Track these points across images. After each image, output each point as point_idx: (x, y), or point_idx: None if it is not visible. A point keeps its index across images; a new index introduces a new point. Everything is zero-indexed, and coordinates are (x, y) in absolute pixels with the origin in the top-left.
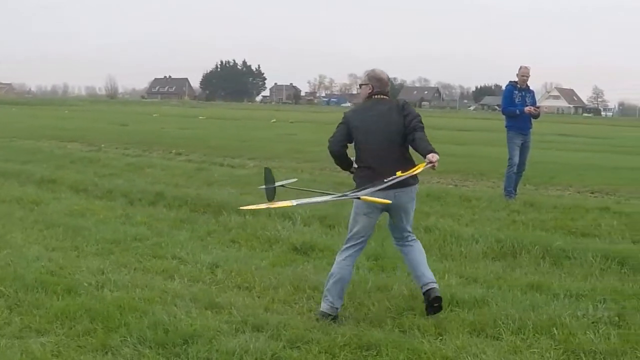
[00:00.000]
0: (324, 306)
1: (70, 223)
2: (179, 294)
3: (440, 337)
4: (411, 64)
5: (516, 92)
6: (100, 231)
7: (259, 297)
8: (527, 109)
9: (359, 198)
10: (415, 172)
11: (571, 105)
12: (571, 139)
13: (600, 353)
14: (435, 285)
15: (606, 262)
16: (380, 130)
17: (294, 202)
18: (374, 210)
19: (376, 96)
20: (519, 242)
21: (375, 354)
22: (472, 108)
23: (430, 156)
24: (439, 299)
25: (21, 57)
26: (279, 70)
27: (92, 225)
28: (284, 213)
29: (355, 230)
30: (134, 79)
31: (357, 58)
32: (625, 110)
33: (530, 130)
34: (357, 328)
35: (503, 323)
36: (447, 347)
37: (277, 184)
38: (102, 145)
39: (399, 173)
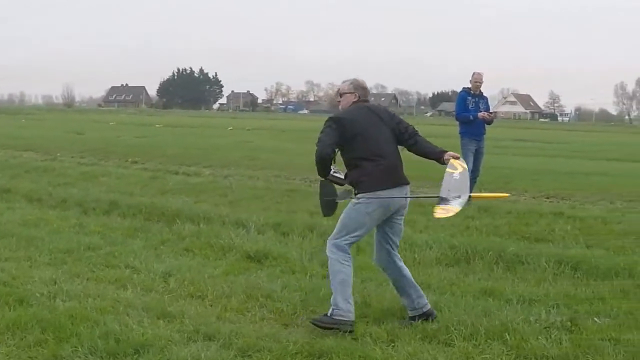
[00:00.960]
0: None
1: (24, 233)
2: (131, 304)
3: (392, 344)
4: (368, 71)
5: (470, 98)
6: (54, 241)
7: (211, 306)
8: (480, 114)
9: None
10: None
11: (528, 111)
12: (527, 144)
13: (552, 358)
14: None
15: (559, 267)
16: (379, 125)
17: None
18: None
19: (360, 103)
20: (472, 248)
21: None
22: (429, 114)
23: (448, 155)
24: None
25: None
26: (235, 78)
27: (46, 235)
28: (238, 221)
29: (358, 233)
30: (91, 87)
31: (314, 65)
32: (581, 115)
33: (484, 136)
34: (310, 336)
35: (455, 329)
36: (398, 354)
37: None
38: (58, 154)
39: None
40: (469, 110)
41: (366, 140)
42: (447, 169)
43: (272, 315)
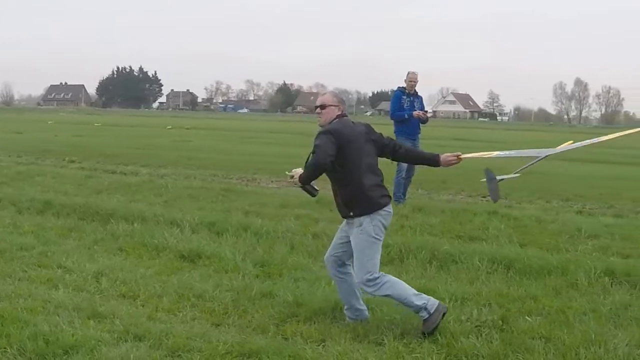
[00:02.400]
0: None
1: None
2: (62, 304)
3: (323, 344)
4: (308, 69)
5: (404, 97)
6: None
7: (142, 306)
8: (415, 113)
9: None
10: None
11: (467, 110)
12: (466, 144)
13: (483, 357)
14: None
15: (492, 265)
16: (366, 139)
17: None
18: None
19: (344, 117)
20: (406, 247)
21: None
22: (368, 113)
23: (445, 156)
24: None
25: None
26: (175, 77)
27: None
28: (173, 220)
29: (376, 259)
30: (30, 86)
31: (254, 64)
32: (520, 114)
33: (419, 135)
34: (240, 335)
35: (386, 328)
36: (328, 354)
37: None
38: None
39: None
40: (404, 109)
41: (360, 156)
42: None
43: (204, 315)
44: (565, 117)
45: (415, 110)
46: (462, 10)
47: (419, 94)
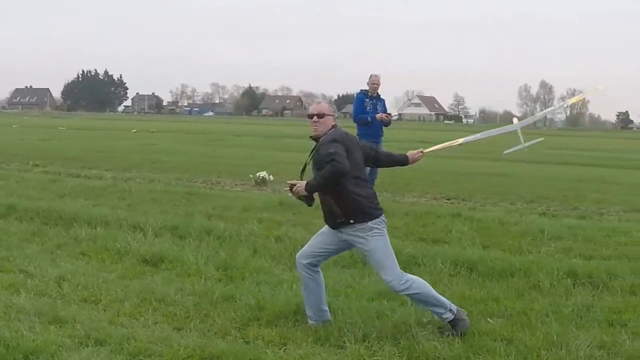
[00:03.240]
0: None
1: None
2: (23, 309)
3: (284, 347)
4: (274, 72)
5: (367, 100)
6: None
7: (104, 310)
8: (378, 115)
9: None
10: None
11: (432, 113)
12: (430, 146)
13: (444, 359)
14: None
15: (455, 268)
16: (359, 152)
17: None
18: None
19: (338, 127)
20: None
21: None
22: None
23: (411, 153)
24: None
25: None
26: (140, 80)
27: None
28: (135, 224)
29: (394, 257)
30: None
31: (219, 67)
32: (486, 116)
33: (382, 138)
34: (201, 339)
35: (348, 331)
36: (290, 357)
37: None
38: None
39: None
40: (367, 112)
41: (358, 165)
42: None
43: (165, 319)
44: None
45: (378, 112)
46: (428, 13)
47: (381, 96)
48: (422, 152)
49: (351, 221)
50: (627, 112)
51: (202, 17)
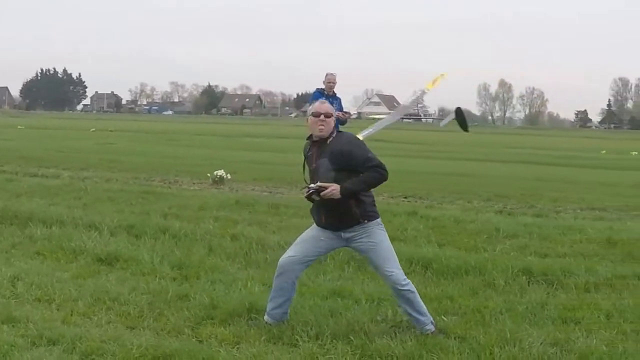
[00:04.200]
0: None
1: None
2: None
3: (237, 346)
4: (232, 71)
5: (323, 98)
6: None
7: (58, 310)
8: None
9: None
10: None
11: (392, 111)
12: (389, 145)
13: (397, 357)
14: None
15: (410, 265)
16: None
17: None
18: None
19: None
20: None
21: None
22: (293, 115)
23: None
24: None
25: None
26: (100, 79)
27: None
28: (91, 223)
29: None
30: None
31: (179, 65)
32: (445, 115)
33: None
34: (155, 339)
35: (301, 330)
36: (242, 356)
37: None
38: None
39: None
40: None
41: None
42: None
43: (119, 318)
44: (490, 117)
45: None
46: (385, 14)
47: (337, 95)
48: None
49: (365, 221)
50: (585, 110)
51: (160, 16)
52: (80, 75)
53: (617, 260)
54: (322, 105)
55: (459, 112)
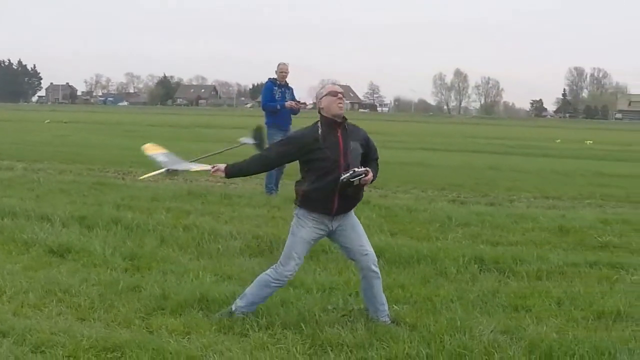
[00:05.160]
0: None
1: None
2: None
3: (188, 336)
4: (188, 62)
5: (276, 88)
6: None
7: (8, 302)
8: (288, 103)
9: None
10: None
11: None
12: None
13: (348, 346)
14: None
15: None
16: None
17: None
18: None
19: None
20: (276, 238)
21: (119, 355)
22: (249, 105)
23: None
24: None
25: None
26: (55, 70)
27: None
28: (43, 215)
29: None
30: None
31: (135, 57)
32: (401, 105)
33: (290, 126)
34: (105, 330)
35: (252, 320)
36: (193, 346)
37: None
38: None
39: None
40: (275, 100)
41: None
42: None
43: (69, 310)
44: (445, 107)
45: (287, 101)
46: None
47: (289, 84)
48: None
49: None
50: (541, 100)
51: (115, 7)
52: (35, 67)
53: (568, 248)
54: (335, 85)
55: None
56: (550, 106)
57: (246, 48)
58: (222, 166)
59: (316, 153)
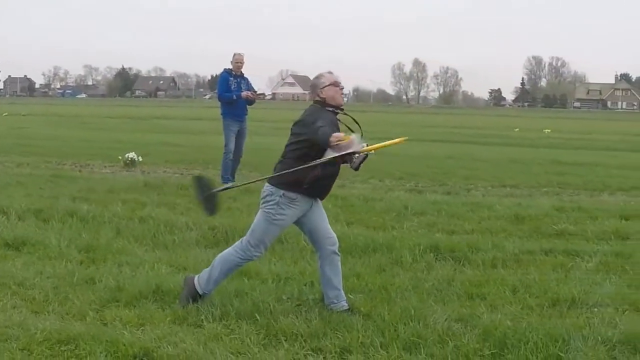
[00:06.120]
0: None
1: None
2: None
3: (142, 328)
4: (146, 54)
5: (231, 78)
6: None
7: None
8: (244, 94)
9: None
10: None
11: (306, 92)
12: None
13: (302, 335)
14: None
15: None
16: None
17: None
18: None
19: None
20: (232, 228)
21: (74, 348)
22: (207, 97)
23: None
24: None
25: None
26: (12, 63)
27: None
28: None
29: None
30: None
31: (92, 49)
32: (359, 95)
33: (246, 116)
34: (60, 322)
35: (206, 311)
36: (147, 337)
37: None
38: None
39: None
40: (231, 90)
41: None
42: None
43: (24, 303)
44: (404, 97)
45: (243, 91)
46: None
47: (245, 75)
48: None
49: None
50: (499, 89)
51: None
52: None
53: (524, 236)
54: (333, 75)
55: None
56: (509, 95)
57: (202, 39)
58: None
59: None
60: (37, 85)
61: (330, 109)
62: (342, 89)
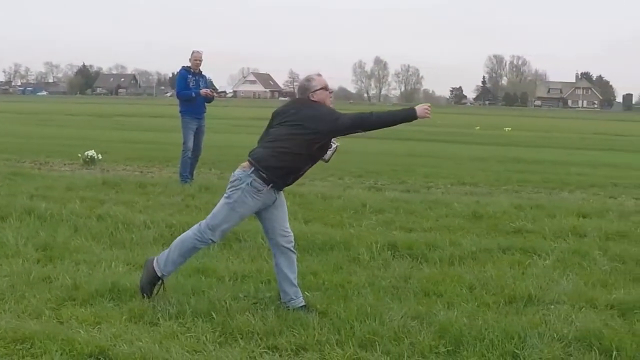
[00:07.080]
0: None
1: None
2: None
3: (98, 326)
4: (107, 51)
5: (190, 76)
6: None
7: None
8: (203, 91)
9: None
10: None
11: (267, 90)
12: (257, 122)
13: (258, 333)
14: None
15: None
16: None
17: None
18: None
19: None
20: (190, 226)
21: (29, 346)
22: (168, 94)
23: None
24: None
25: None
26: None
27: None
28: None
29: None
30: None
31: (53, 45)
32: None
33: (205, 114)
34: (15, 321)
35: (162, 309)
36: (102, 336)
37: None
38: None
39: None
40: (190, 88)
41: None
42: None
43: None
44: (365, 95)
45: (202, 89)
46: None
47: (203, 73)
48: None
49: None
50: (460, 87)
51: None
52: None
53: (482, 233)
54: (322, 77)
55: None
56: (470, 94)
57: (165, 36)
58: None
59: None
60: None
61: None
62: (332, 92)
